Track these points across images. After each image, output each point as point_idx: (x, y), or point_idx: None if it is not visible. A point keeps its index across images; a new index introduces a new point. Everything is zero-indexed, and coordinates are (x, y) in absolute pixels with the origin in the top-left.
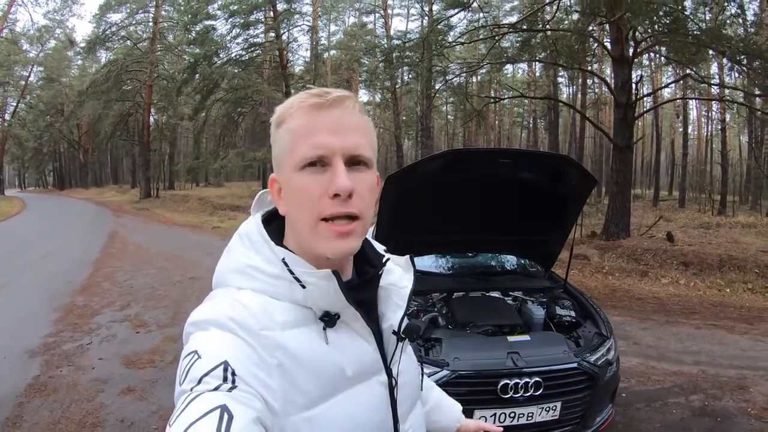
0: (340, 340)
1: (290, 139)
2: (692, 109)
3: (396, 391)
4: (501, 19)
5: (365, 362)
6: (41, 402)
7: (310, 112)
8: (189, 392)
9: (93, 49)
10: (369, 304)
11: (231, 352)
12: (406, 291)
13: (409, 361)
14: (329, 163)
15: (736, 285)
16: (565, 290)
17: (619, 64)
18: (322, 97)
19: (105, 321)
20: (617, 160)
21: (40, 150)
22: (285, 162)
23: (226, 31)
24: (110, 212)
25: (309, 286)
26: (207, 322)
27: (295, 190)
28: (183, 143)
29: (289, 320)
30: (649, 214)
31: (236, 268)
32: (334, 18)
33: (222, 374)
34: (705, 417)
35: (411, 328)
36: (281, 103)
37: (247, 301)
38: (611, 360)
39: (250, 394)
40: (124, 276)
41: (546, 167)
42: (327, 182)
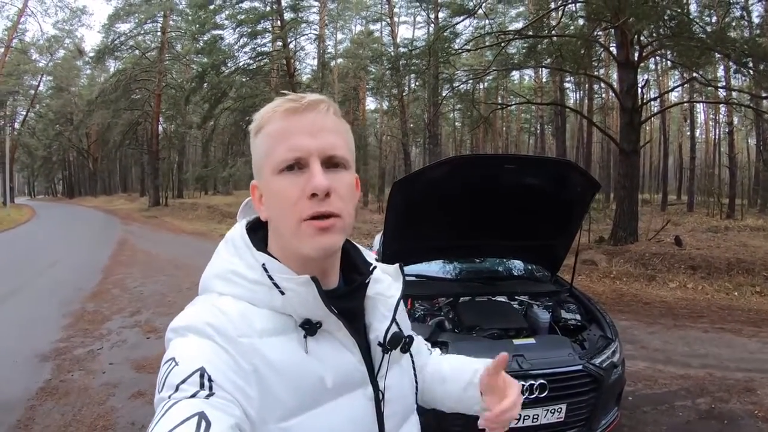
0: (321, 349)
1: (268, 144)
2: (700, 113)
3: (383, 404)
4: (507, 26)
5: (348, 373)
6: (53, 405)
7: (285, 116)
8: (167, 400)
9: (102, 58)
10: (355, 313)
11: (208, 358)
12: (393, 300)
13: (401, 375)
14: (306, 165)
15: (744, 288)
16: (571, 294)
17: (624, 69)
18: (296, 102)
19: (115, 327)
20: (624, 164)
21: (49, 158)
22: (264, 167)
23: (234, 41)
24: (119, 220)
25: (288, 292)
26: (185, 329)
27: (274, 193)
28: (191, 152)
29: (268, 327)
30: (657, 219)
31: (218, 274)
32: (341, 26)
33: (199, 381)
34: (712, 420)
35: (396, 338)
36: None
37: (226, 308)
38: (616, 363)
39: (227, 400)
40: (133, 283)
41: (550, 172)
42: (304, 183)
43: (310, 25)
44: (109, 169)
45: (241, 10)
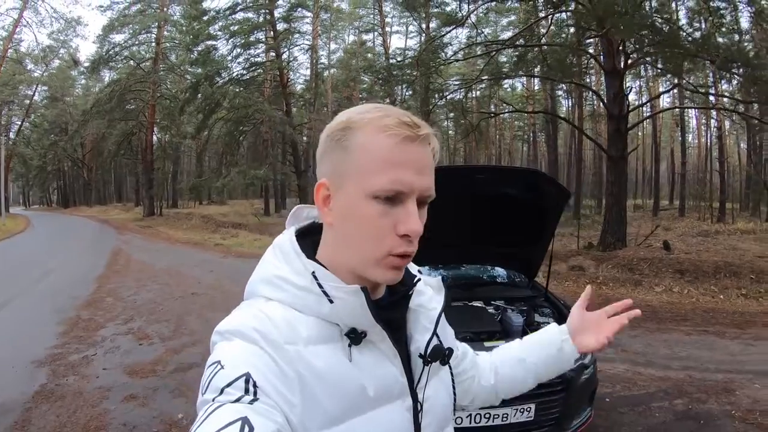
0: (364, 359)
1: (368, 160)
2: (692, 118)
3: (420, 416)
4: (498, 35)
5: (389, 384)
6: (48, 407)
7: (400, 143)
8: (211, 402)
9: (96, 69)
10: (397, 324)
11: (253, 363)
12: (434, 313)
13: (440, 386)
14: (403, 201)
15: (729, 291)
16: (546, 299)
17: (611, 77)
18: (413, 130)
19: (109, 334)
20: (612, 171)
21: (44, 168)
22: (352, 180)
23: (227, 52)
24: (114, 230)
25: (336, 300)
26: (232, 333)
27: (360, 217)
28: (186, 162)
29: (314, 335)
30: (648, 224)
31: (265, 278)
32: (334, 36)
33: (244, 386)
34: (688, 420)
35: (437, 350)
36: (282, 120)
37: (272, 313)
38: (587, 363)
39: (271, 407)
40: (127, 292)
41: (520, 182)
42: (397, 218)
43: (303, 35)
44: (104, 178)
45: (235, 21)
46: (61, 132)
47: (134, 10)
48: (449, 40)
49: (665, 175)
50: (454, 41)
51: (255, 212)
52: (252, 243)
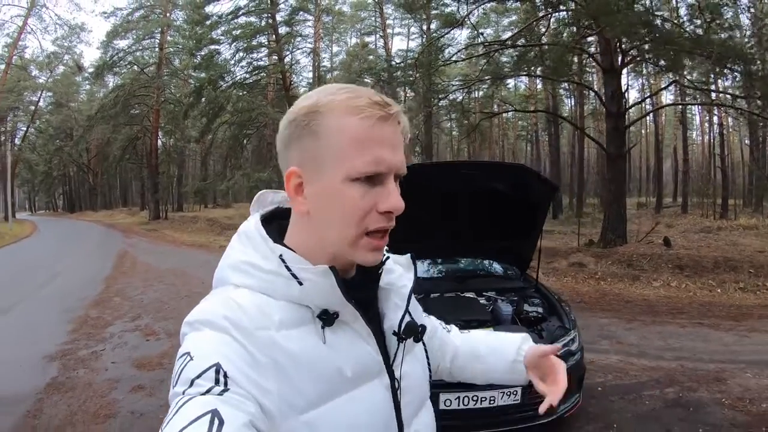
0: (338, 340)
1: (344, 143)
2: (695, 115)
3: (399, 393)
4: (500, 35)
5: (366, 363)
6: (59, 398)
7: (375, 123)
8: (181, 395)
9: (101, 74)
10: (369, 303)
11: (224, 353)
12: (405, 290)
13: (415, 363)
14: (382, 181)
15: (727, 285)
16: (536, 290)
17: (608, 75)
18: (385, 109)
19: (117, 331)
20: (611, 168)
21: (50, 173)
22: (329, 165)
23: (230, 56)
24: (120, 234)
25: (306, 282)
26: (201, 323)
27: (342, 199)
28: (191, 165)
29: (286, 319)
30: (651, 222)
31: (233, 265)
32: (336, 39)
33: (214, 376)
34: (678, 407)
35: (411, 327)
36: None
37: (241, 300)
38: (573, 350)
39: (242, 396)
40: (134, 291)
41: (506, 176)
42: (378, 198)
43: (305, 38)
44: (110, 183)
45: (237, 25)
46: (67, 137)
47: (137, 16)
48: (450, 41)
49: (669, 173)
50: (455, 42)
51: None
52: None
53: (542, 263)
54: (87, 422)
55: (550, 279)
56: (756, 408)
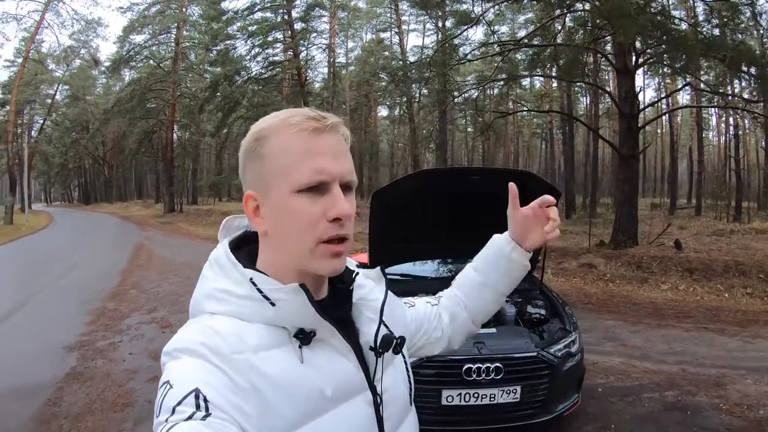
0: (316, 359)
1: (285, 160)
2: (712, 117)
3: (381, 408)
4: (516, 33)
5: (347, 381)
6: (79, 387)
7: (310, 135)
8: (164, 423)
9: (117, 68)
10: (346, 321)
11: (203, 378)
12: (377, 303)
13: (396, 375)
14: (328, 189)
15: (735, 290)
16: (541, 292)
17: (622, 75)
18: (320, 122)
19: (134, 323)
20: (623, 169)
21: (65, 166)
22: (276, 183)
23: (246, 51)
24: (135, 226)
25: (278, 302)
26: (179, 350)
27: (290, 212)
28: (206, 159)
29: (262, 342)
30: (663, 223)
31: (207, 294)
32: (351, 35)
33: (194, 401)
34: (676, 411)
35: (387, 340)
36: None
37: (218, 326)
38: (573, 352)
39: (225, 420)
40: (150, 284)
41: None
42: (325, 206)
43: (321, 34)
44: (125, 176)
45: (253, 21)
46: (83, 130)
47: (154, 11)
48: (464, 39)
49: (685, 173)
50: (470, 40)
51: None
52: None
53: (552, 263)
54: (106, 410)
55: (560, 279)
56: (753, 414)
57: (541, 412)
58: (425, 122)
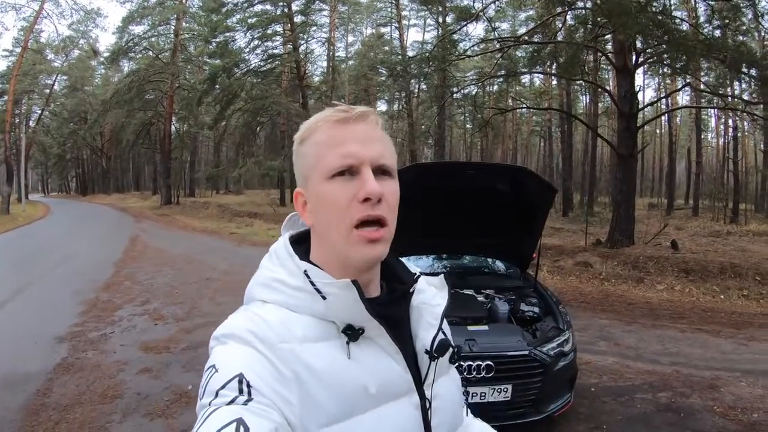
0: (363, 355)
1: (317, 151)
2: (711, 118)
3: (430, 413)
4: (517, 29)
5: (392, 380)
6: (68, 378)
7: (336, 125)
8: (207, 406)
9: (116, 59)
10: (399, 322)
11: (247, 364)
12: (438, 309)
13: (451, 384)
14: (358, 172)
15: (731, 291)
16: (535, 290)
17: (621, 74)
18: (347, 113)
19: (126, 314)
20: (621, 168)
21: (63, 156)
22: (312, 174)
23: (245, 44)
24: (132, 217)
25: (329, 296)
26: (226, 336)
27: (324, 198)
28: (203, 151)
29: (310, 334)
30: (660, 223)
31: (262, 282)
32: (351, 29)
33: (237, 386)
34: (669, 412)
35: (443, 345)
36: (298, 113)
37: (266, 315)
38: (566, 351)
39: (266, 406)
40: (144, 276)
41: (507, 178)
42: (356, 188)
43: (321, 28)
44: (122, 167)
45: (252, 13)
46: (81, 121)
47: (153, 2)
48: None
49: (684, 174)
50: (470, 36)
51: (270, 202)
52: (266, 232)
53: (548, 261)
54: (94, 402)
55: (555, 277)
56: (747, 417)
57: (533, 412)
58: (424, 117)
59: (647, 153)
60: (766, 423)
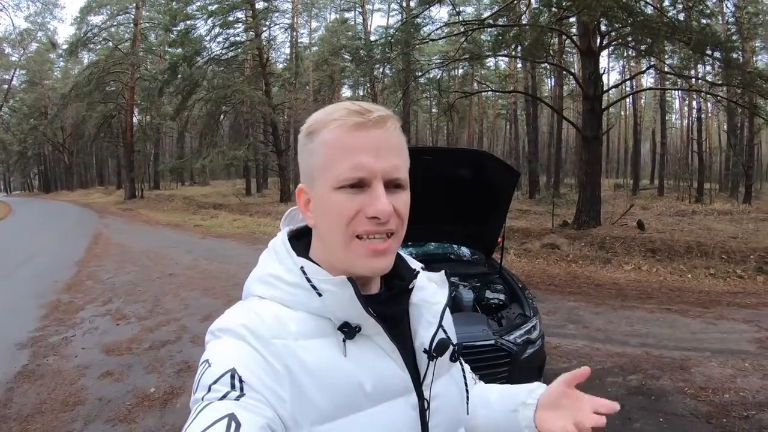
0: (360, 354)
1: (327, 155)
2: (675, 99)
3: (428, 414)
4: (482, 13)
5: (388, 380)
6: (29, 386)
7: (351, 130)
8: (200, 401)
9: (75, 51)
10: (398, 320)
11: (240, 359)
12: (438, 307)
13: (451, 384)
14: (368, 185)
15: (698, 270)
16: (500, 275)
17: (586, 57)
18: (364, 116)
19: (88, 315)
20: (586, 150)
21: (24, 153)
22: (319, 178)
23: (206, 32)
24: (95, 213)
25: (325, 293)
26: (221, 331)
27: (329, 208)
28: (167, 143)
29: (304, 330)
30: (626, 203)
31: (259, 278)
32: (315, 14)
33: (230, 381)
34: (640, 395)
35: (443, 344)
36: (261, 100)
37: (261, 310)
38: (533, 338)
39: (258, 401)
40: (106, 274)
41: (468, 162)
42: (365, 202)
43: (283, 14)
44: (85, 162)
45: (213, 0)
46: (41, 116)
47: None
48: (428, 19)
49: (649, 155)
50: (434, 20)
51: (236, 193)
52: (231, 224)
53: (515, 244)
54: (56, 410)
55: (522, 260)
56: (718, 398)
57: None
58: (388, 102)
59: (613, 134)
60: (738, 403)
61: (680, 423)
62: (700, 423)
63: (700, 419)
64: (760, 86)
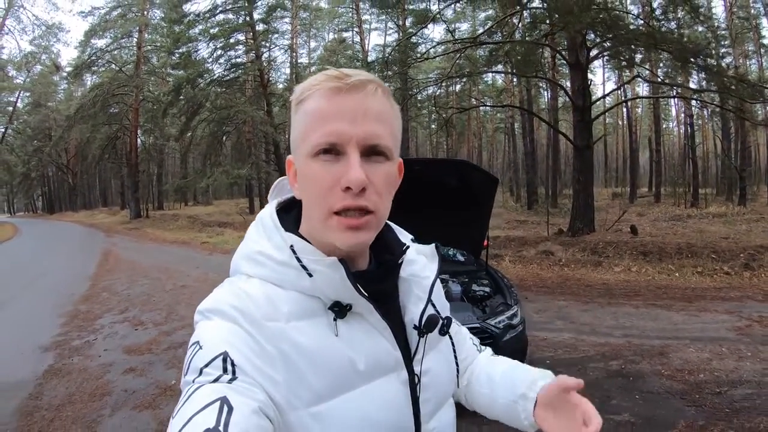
0: (352, 332)
1: (306, 123)
2: (672, 107)
3: (419, 389)
4: (477, 29)
5: (380, 357)
6: (58, 382)
7: (326, 95)
8: (191, 384)
9: (79, 74)
10: (388, 295)
11: (231, 342)
12: (428, 282)
13: (440, 358)
14: (343, 152)
15: (686, 269)
16: (486, 272)
17: (574, 70)
18: (341, 80)
19: (107, 322)
20: (578, 160)
21: (28, 175)
22: (299, 146)
23: (208, 54)
24: (102, 233)
25: (315, 274)
26: (211, 311)
27: (307, 177)
28: (170, 163)
29: (295, 310)
30: (621, 210)
31: (247, 255)
32: (313, 35)
33: (222, 365)
34: (619, 377)
35: (432, 320)
36: (263, 120)
37: (251, 290)
38: (514, 324)
39: (250, 385)
40: (121, 287)
41: (451, 171)
42: (339, 173)
43: (283, 35)
44: (89, 183)
45: (215, 23)
46: (45, 138)
47: (115, 15)
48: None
49: (647, 163)
50: (429, 39)
51: (240, 211)
52: (237, 240)
53: (511, 252)
54: (85, 401)
55: (517, 266)
56: (693, 378)
57: None
58: None
59: (610, 144)
60: (711, 381)
61: (655, 399)
62: (674, 399)
63: (675, 396)
64: (740, 90)
